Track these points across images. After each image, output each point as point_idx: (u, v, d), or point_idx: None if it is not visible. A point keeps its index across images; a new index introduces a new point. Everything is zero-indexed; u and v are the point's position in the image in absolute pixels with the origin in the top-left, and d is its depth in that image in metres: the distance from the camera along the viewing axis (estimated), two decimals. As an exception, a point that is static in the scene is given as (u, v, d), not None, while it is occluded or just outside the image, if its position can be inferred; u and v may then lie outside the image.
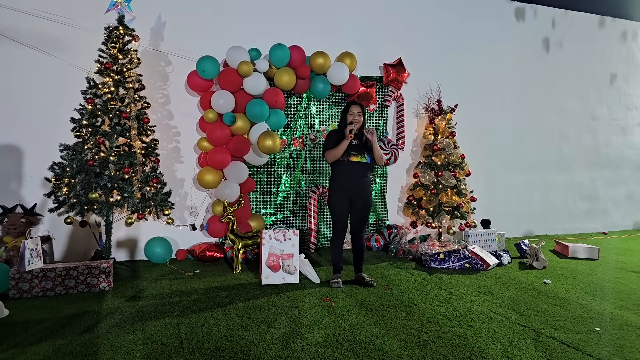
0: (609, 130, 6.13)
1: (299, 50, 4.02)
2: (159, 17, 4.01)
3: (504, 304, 2.96)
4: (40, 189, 3.61)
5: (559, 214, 5.82)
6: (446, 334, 2.45)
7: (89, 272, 3.06)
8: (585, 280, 3.56)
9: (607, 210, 6.15)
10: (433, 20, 5.04)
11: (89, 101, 3.40)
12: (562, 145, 5.83)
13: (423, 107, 4.96)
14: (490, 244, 4.41)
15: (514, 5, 5.47)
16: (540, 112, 5.67)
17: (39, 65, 3.66)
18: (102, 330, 2.41)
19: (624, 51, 6.17)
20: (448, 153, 4.60)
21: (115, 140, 3.46)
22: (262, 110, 3.81)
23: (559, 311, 2.84)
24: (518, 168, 5.52)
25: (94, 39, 3.62)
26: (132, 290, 3.10)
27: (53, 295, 2.97)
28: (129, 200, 3.42)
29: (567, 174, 5.87)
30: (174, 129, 4.11)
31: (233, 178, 3.87)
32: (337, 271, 3.31)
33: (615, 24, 6.09)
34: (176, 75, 4.05)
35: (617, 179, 6.21)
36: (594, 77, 5.98)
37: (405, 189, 4.99)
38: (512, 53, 5.45)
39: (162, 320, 2.57)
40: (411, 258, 4.15)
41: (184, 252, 4.01)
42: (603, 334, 2.48)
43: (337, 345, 2.28)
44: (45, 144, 3.59)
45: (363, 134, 3.21)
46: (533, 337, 2.42)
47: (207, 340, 2.31)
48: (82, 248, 3.80)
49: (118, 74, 3.50)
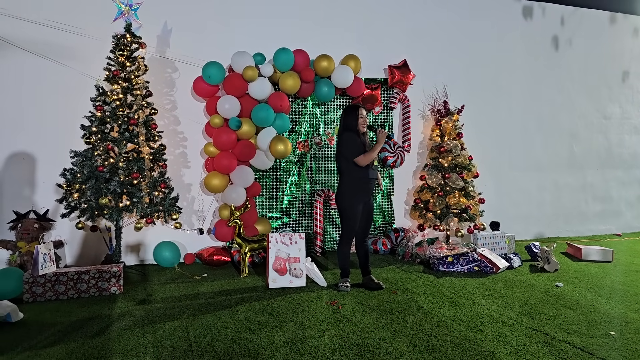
0: (621, 130, 6.00)
1: (303, 54, 4.04)
2: (165, 24, 4.07)
3: (514, 307, 2.92)
4: (53, 195, 3.69)
5: (570, 216, 5.71)
6: (456, 337, 2.41)
7: (100, 276, 3.11)
8: (599, 283, 3.48)
9: (621, 211, 6.02)
10: (438, 21, 5.02)
11: (98, 108, 3.47)
12: (573, 145, 5.73)
13: (429, 108, 4.93)
14: (500, 247, 4.35)
15: (522, 3, 5.42)
16: (550, 112, 5.58)
17: (50, 73, 3.75)
18: (113, 333, 2.45)
19: (637, 48, 6.05)
20: (455, 155, 4.56)
21: (124, 147, 3.52)
22: (268, 115, 3.83)
23: (571, 315, 2.78)
24: (528, 169, 5.44)
25: (102, 47, 3.70)
26: (142, 294, 3.14)
27: (65, 299, 3.03)
28: (137, 205, 3.47)
29: (579, 174, 5.77)
30: (180, 134, 4.16)
31: (239, 182, 3.90)
32: (346, 275, 3.31)
33: (626, 20, 5.98)
34: (182, 81, 4.10)
35: (631, 179, 6.07)
36: (605, 75, 5.87)
37: (412, 191, 4.96)
38: (519, 52, 5.39)
39: (171, 323, 2.60)
40: (419, 261, 4.12)
41: (192, 256, 4.04)
42: (618, 338, 2.42)
43: (344, 348, 2.27)
44: (56, 150, 3.67)
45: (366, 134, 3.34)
46: (545, 341, 2.37)
47: (215, 343, 2.32)
48: (93, 252, 3.87)
49: (126, 81, 3.57)
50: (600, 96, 5.86)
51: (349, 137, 3.20)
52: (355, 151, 3.17)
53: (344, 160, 3.21)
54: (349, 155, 3.17)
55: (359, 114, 3.23)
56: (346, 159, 3.19)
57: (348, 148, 3.19)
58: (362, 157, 3.15)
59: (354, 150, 3.17)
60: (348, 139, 3.20)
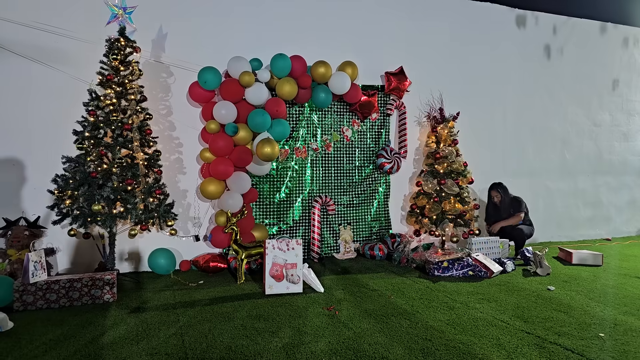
0: (611, 137, 6.12)
1: (300, 60, 4.06)
2: (160, 29, 4.07)
3: (508, 311, 2.94)
4: (44, 202, 3.62)
5: (562, 221, 5.79)
6: (450, 341, 2.43)
7: (93, 284, 3.06)
8: (589, 287, 3.54)
9: (611, 216, 6.12)
10: (434, 29, 5.09)
11: (91, 113, 3.43)
12: (564, 152, 5.83)
13: (425, 115, 4.98)
14: (494, 252, 4.39)
15: (515, 12, 5.52)
16: (542, 119, 5.67)
17: (41, 77, 3.70)
18: (107, 342, 2.41)
19: (626, 57, 6.20)
20: (450, 161, 4.61)
21: (117, 152, 3.48)
22: (264, 120, 3.83)
23: (562, 317, 2.82)
24: (521, 175, 5.51)
25: (95, 51, 3.66)
26: (136, 302, 3.10)
27: (57, 307, 2.97)
28: (132, 212, 3.43)
29: (570, 180, 5.86)
30: (176, 140, 4.14)
31: (236, 188, 3.89)
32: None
33: (616, 30, 6.12)
34: (178, 86, 4.09)
35: (620, 185, 6.18)
36: (596, 83, 6.00)
37: (409, 197, 4.99)
38: (513, 60, 5.48)
39: (166, 330, 2.57)
40: (415, 266, 4.13)
41: (188, 263, 4.01)
42: (607, 340, 2.47)
43: (341, 354, 2.27)
44: (48, 156, 3.62)
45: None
46: (537, 344, 2.41)
47: (211, 351, 2.30)
48: (86, 260, 3.81)
49: (120, 85, 3.54)
50: (590, 104, 5.97)
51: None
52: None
53: None
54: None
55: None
56: None
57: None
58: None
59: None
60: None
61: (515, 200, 4.75)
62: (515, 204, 4.73)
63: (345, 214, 4.71)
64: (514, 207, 4.72)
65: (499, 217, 4.70)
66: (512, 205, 4.73)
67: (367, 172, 4.79)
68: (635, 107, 6.27)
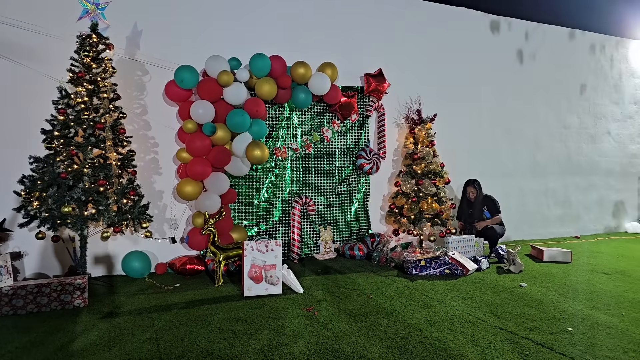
0: (579, 139, 6.39)
1: (279, 60, 4.04)
2: (135, 26, 3.96)
3: (482, 307, 3.02)
4: (9, 204, 3.46)
5: (534, 220, 6.00)
6: (427, 338, 2.48)
7: (62, 289, 2.94)
8: (559, 283, 3.67)
9: (579, 215, 6.39)
10: (412, 32, 5.18)
11: (60, 111, 3.31)
12: (536, 153, 6.04)
13: (403, 116, 5.06)
14: (470, 250, 4.50)
15: (490, 18, 5.69)
16: (516, 121, 5.87)
17: (8, 74, 3.54)
18: (77, 348, 2.32)
19: (593, 62, 6.49)
20: (428, 162, 4.69)
21: (89, 152, 3.37)
22: (244, 120, 3.79)
23: (534, 313, 2.92)
24: (495, 175, 5.67)
25: (66, 48, 3.54)
26: (109, 307, 3.00)
27: (24, 314, 2.84)
28: (104, 214, 3.32)
29: (541, 180, 6.08)
30: (151, 139, 4.04)
31: (214, 189, 3.83)
32: None
33: (584, 36, 6.41)
34: (153, 84, 3.99)
35: (588, 185, 6.47)
36: (566, 87, 6.25)
37: (387, 197, 5.05)
38: (488, 64, 5.64)
39: (140, 335, 2.50)
40: (393, 265, 4.18)
41: (164, 266, 3.91)
42: (575, 334, 2.57)
43: (319, 354, 2.27)
44: (14, 156, 3.46)
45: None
46: (509, 339, 2.48)
47: (187, 355, 2.26)
48: (56, 264, 3.66)
49: (92, 83, 3.43)
50: (560, 107, 6.22)
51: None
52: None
53: None
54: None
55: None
56: None
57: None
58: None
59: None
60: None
61: (489, 199, 4.89)
62: (490, 203, 4.88)
63: (325, 214, 4.72)
64: (488, 206, 4.87)
65: (472, 214, 4.83)
66: (485, 203, 4.87)
67: (347, 172, 4.82)
68: (601, 111, 6.57)
